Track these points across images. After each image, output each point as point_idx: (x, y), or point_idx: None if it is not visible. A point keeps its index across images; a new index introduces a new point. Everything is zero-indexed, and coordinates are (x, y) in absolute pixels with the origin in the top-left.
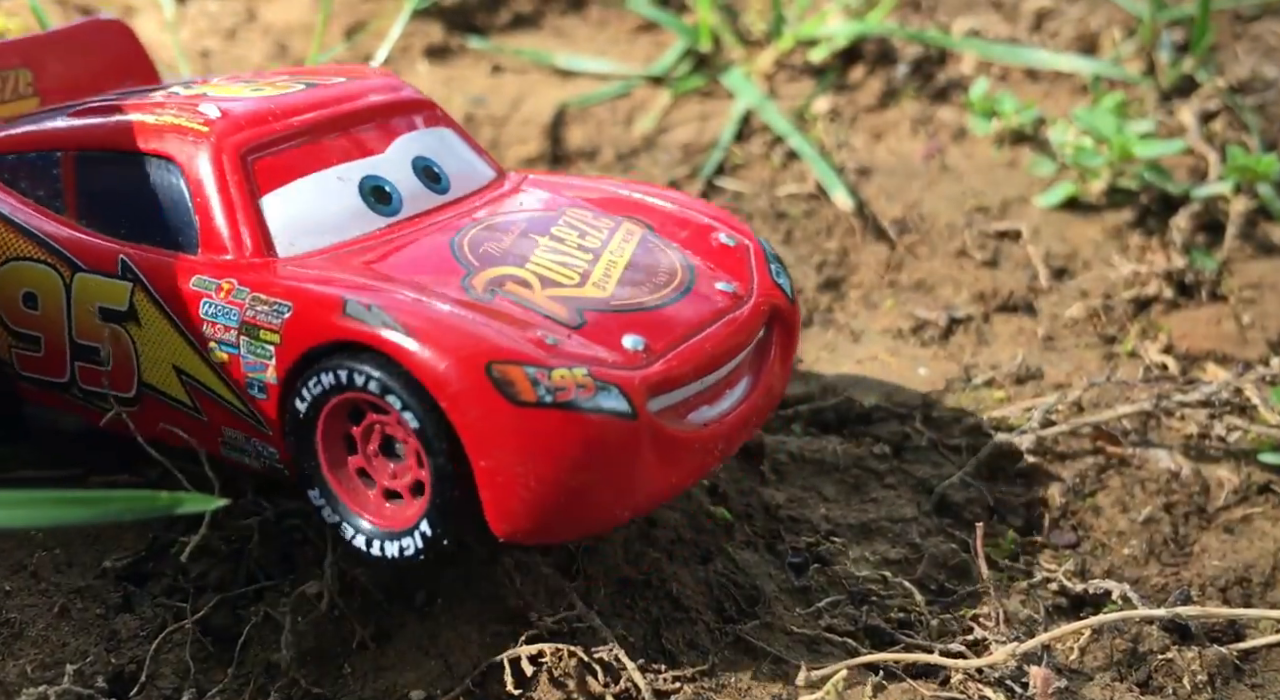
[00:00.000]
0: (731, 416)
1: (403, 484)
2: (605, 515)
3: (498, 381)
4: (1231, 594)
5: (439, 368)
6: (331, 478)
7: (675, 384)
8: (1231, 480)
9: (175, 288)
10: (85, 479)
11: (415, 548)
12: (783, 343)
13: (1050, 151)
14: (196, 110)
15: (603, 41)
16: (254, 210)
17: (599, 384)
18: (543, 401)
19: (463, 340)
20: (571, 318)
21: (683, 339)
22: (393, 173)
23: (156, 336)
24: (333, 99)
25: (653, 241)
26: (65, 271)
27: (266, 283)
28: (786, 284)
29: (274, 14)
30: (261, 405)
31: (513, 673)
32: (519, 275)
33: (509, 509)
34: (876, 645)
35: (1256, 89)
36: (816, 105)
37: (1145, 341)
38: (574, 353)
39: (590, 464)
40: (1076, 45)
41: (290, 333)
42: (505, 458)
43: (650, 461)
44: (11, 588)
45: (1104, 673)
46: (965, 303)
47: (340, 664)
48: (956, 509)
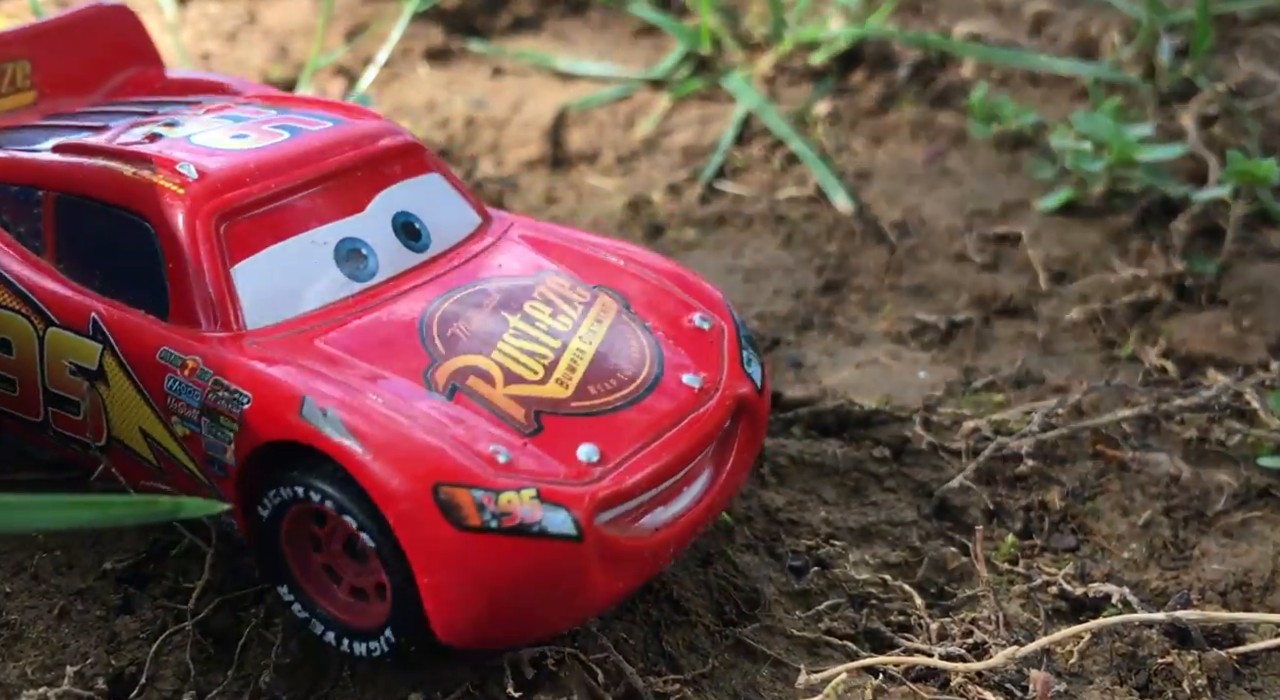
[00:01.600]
0: (686, 517)
1: (368, 583)
2: (547, 628)
3: (444, 505)
4: (1231, 598)
5: (388, 484)
6: (299, 575)
7: (627, 496)
8: (1231, 484)
9: (142, 356)
10: (86, 481)
11: (381, 651)
12: (747, 434)
13: (1050, 155)
14: (175, 169)
15: (603, 44)
16: (225, 280)
17: (546, 505)
18: (487, 526)
19: (413, 457)
20: (528, 422)
21: (642, 444)
22: (371, 233)
23: (123, 399)
24: (316, 152)
25: (625, 323)
26: (39, 324)
27: (230, 365)
28: (757, 373)
29: (275, 16)
30: (222, 482)
31: (513, 675)
32: (482, 367)
33: (452, 622)
34: (876, 648)
35: (1256, 93)
36: (817, 108)
37: (1145, 345)
38: (524, 468)
39: (534, 586)
40: (1076, 49)
41: (249, 423)
42: (449, 577)
43: (596, 575)
44: (12, 589)
45: (1104, 676)
46: (965, 306)
47: (341, 666)
48: (956, 512)
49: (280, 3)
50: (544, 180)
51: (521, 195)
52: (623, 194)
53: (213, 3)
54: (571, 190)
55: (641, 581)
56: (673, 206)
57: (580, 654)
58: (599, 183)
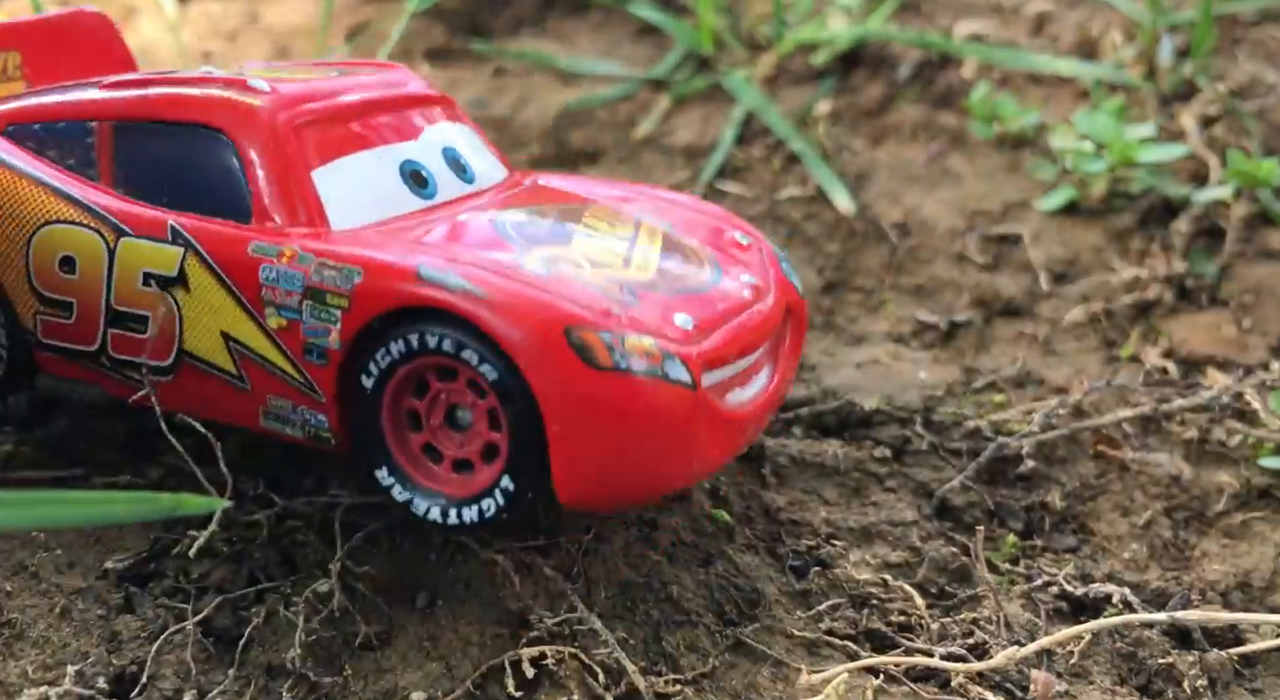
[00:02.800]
0: (758, 401)
1: (473, 451)
2: (664, 482)
3: (576, 346)
4: (1232, 598)
5: (519, 331)
6: (400, 455)
7: (721, 363)
8: (1232, 485)
9: (232, 253)
10: (87, 479)
11: (496, 506)
12: (795, 336)
13: (1051, 156)
14: (246, 86)
15: (604, 44)
16: (308, 183)
17: (665, 354)
18: (618, 366)
19: (540, 305)
20: (626, 295)
21: (723, 323)
22: (427, 159)
23: (206, 303)
24: (366, 86)
25: (675, 236)
26: (110, 236)
27: (331, 250)
28: (797, 281)
29: (275, 15)
30: (318, 372)
31: (514, 675)
32: (567, 254)
33: (578, 474)
34: (877, 648)
35: (1257, 94)
36: (817, 109)
37: (1145, 346)
38: (640, 324)
39: (657, 429)
40: (1077, 50)
41: (361, 297)
42: (580, 421)
43: (703, 433)
44: (13, 588)
45: (1104, 676)
46: (966, 306)
47: (341, 666)
48: (957, 512)
49: (281, 2)
50: None
51: None
52: None
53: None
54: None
55: (733, 453)
56: None
57: (581, 653)
58: None
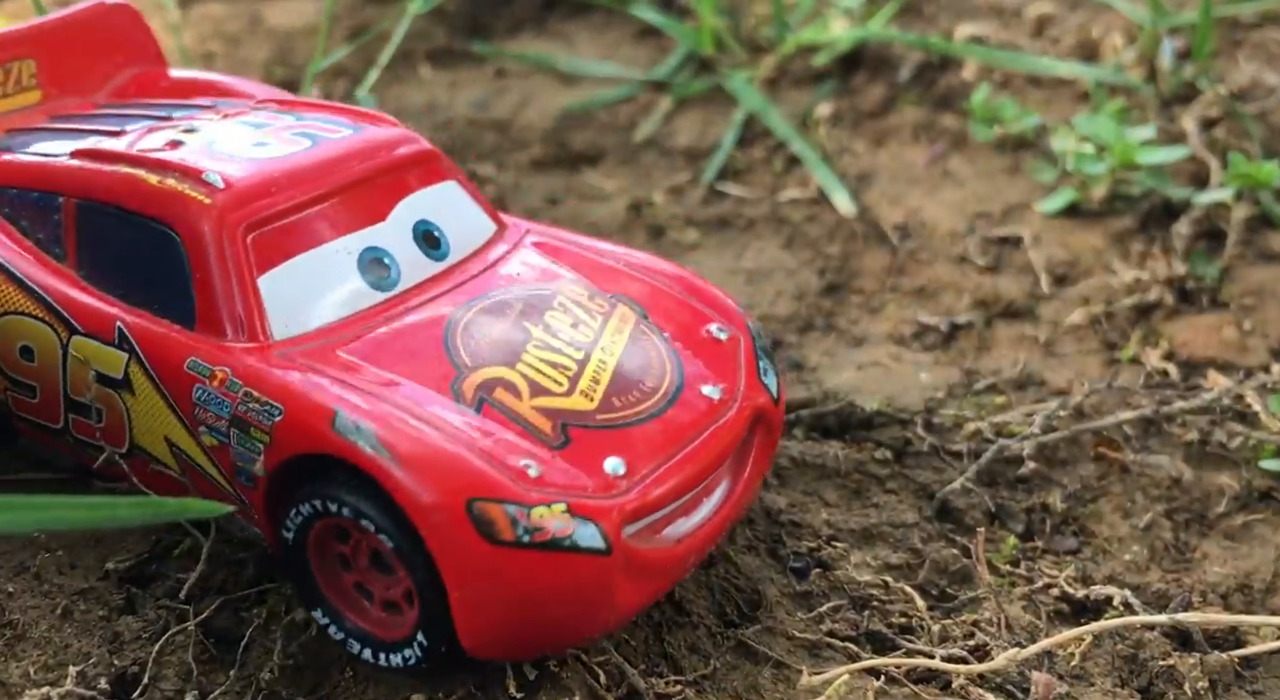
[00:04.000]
0: (706, 527)
1: (398, 593)
2: (574, 638)
3: (478, 520)
4: (1233, 600)
5: (423, 499)
6: (332, 596)
7: (653, 509)
8: (1232, 487)
9: (170, 366)
10: (88, 482)
11: (415, 657)
12: (764, 444)
13: (1051, 158)
14: (201, 179)
15: (605, 46)
16: (252, 291)
17: (576, 520)
18: (520, 541)
19: (448, 471)
20: (555, 434)
21: (666, 457)
22: (393, 242)
23: (149, 408)
24: (337, 161)
25: (644, 334)
26: (63, 332)
27: (260, 377)
28: (773, 384)
29: (277, 17)
30: (249, 493)
31: (515, 676)
32: (509, 379)
33: (480, 635)
34: (878, 650)
35: (1257, 96)
36: (818, 110)
37: (1146, 348)
38: (554, 482)
39: (563, 599)
40: (1078, 52)
41: (280, 436)
42: (480, 591)
43: (622, 587)
44: (14, 589)
45: (1105, 678)
46: (967, 308)
47: (342, 667)
48: (958, 514)
49: (283, 3)
50: (546, 182)
51: (523, 197)
52: (624, 195)
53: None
54: (573, 192)
55: (664, 591)
56: (675, 208)
57: (582, 655)
58: (601, 184)
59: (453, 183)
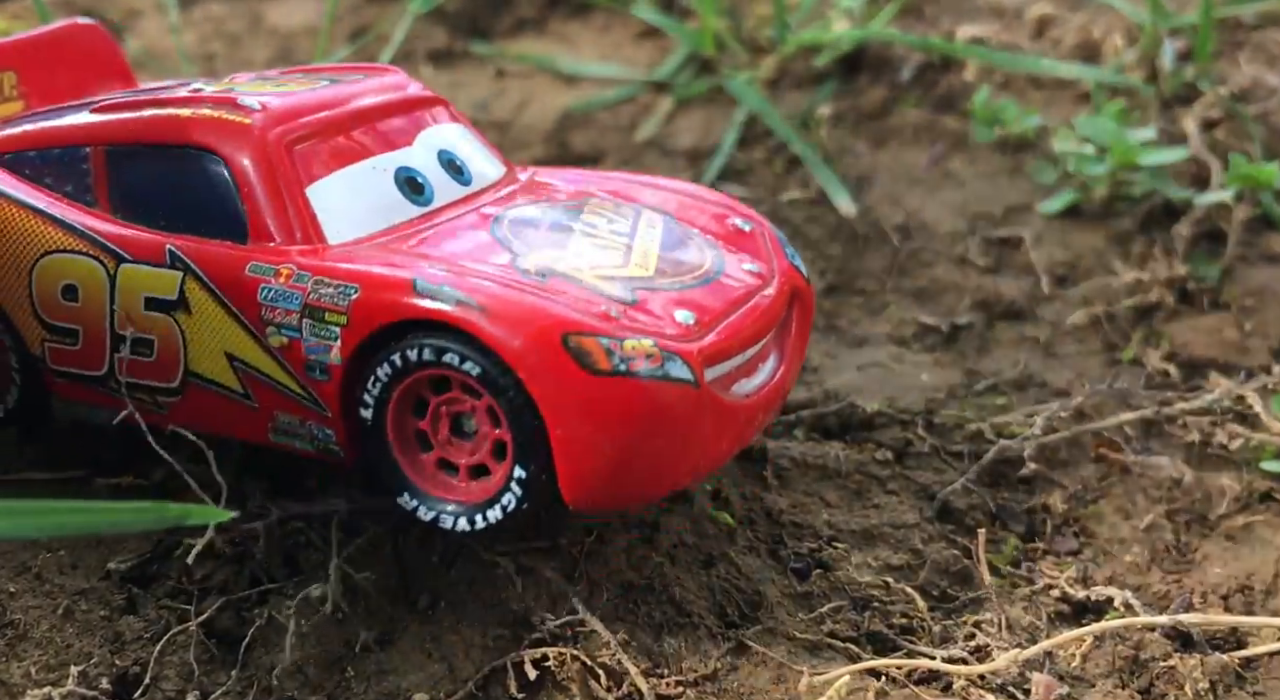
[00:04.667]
0: (766, 389)
1: (484, 454)
2: (670, 480)
3: (574, 352)
4: (1233, 602)
5: (517, 340)
6: (416, 477)
7: (725, 356)
8: (1233, 488)
9: (230, 274)
10: (90, 481)
11: (515, 499)
12: (801, 321)
13: (1052, 159)
14: (237, 104)
15: (606, 46)
16: (303, 199)
17: (665, 354)
18: (617, 370)
19: (536, 313)
20: (624, 295)
21: (725, 315)
22: (422, 164)
23: (208, 324)
24: (357, 94)
25: (675, 227)
26: (109, 263)
27: (328, 267)
28: (801, 265)
29: (278, 17)
30: (322, 388)
31: (516, 676)
32: (566, 258)
33: (583, 476)
34: (879, 651)
35: (1258, 97)
36: (819, 111)
37: (1147, 349)
38: (637, 325)
39: (661, 430)
40: (1079, 53)
41: (358, 313)
42: (582, 426)
43: (708, 428)
44: (16, 589)
45: (1106, 680)
46: (967, 309)
47: (344, 667)
48: (958, 515)
49: (284, 4)
50: None
51: None
52: None
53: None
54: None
55: (740, 445)
56: None
57: (583, 655)
58: None
59: (462, 126)
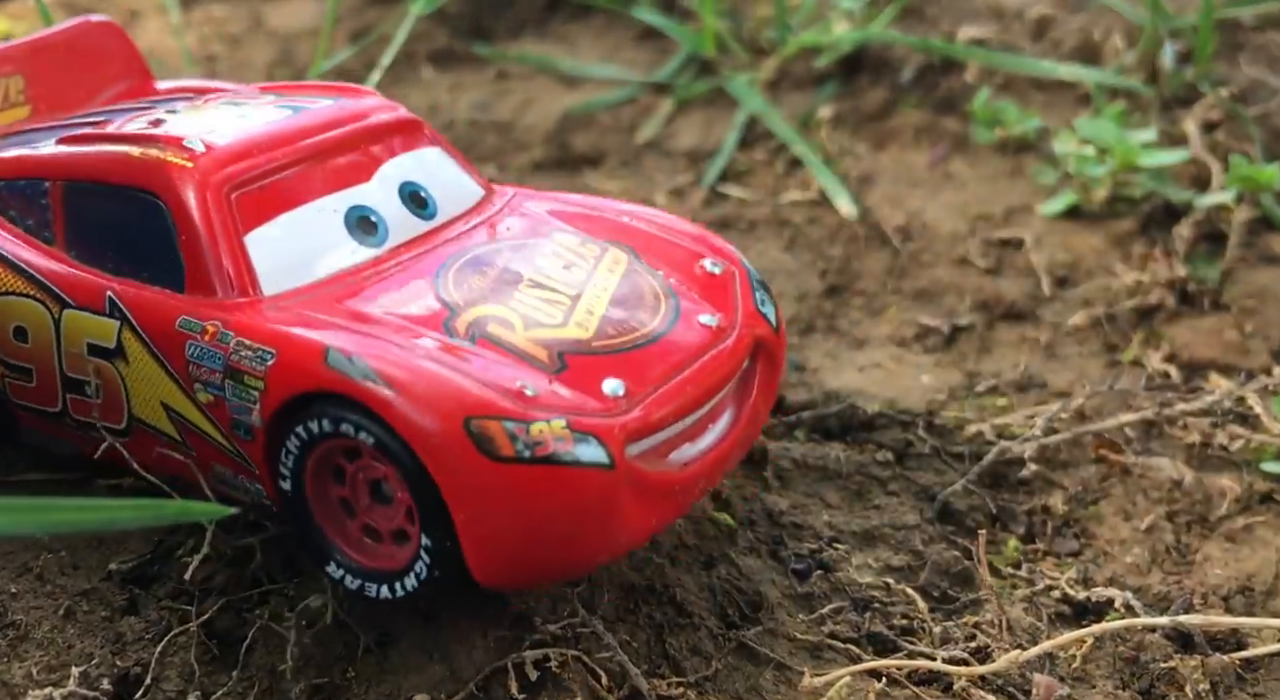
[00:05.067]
0: (713, 453)
1: (401, 518)
2: (584, 562)
3: (476, 437)
4: (1234, 603)
5: (418, 422)
6: (341, 544)
7: (655, 428)
8: (1234, 489)
9: (161, 327)
10: (91, 482)
11: (425, 566)
12: (766, 373)
13: (1053, 160)
14: (182, 145)
15: (607, 48)
16: (239, 249)
17: (577, 436)
18: (521, 457)
19: (442, 394)
20: (552, 362)
21: (663, 380)
22: (379, 201)
23: (144, 374)
24: (318, 126)
25: (637, 270)
26: (54, 307)
27: (251, 327)
28: (771, 313)
29: (279, 19)
30: (247, 446)
31: (517, 677)
32: (501, 315)
33: (488, 559)
34: (879, 652)
35: (1259, 99)
36: (820, 112)
37: (1147, 350)
38: (552, 402)
39: (569, 515)
40: (1079, 54)
41: (274, 379)
42: (484, 511)
43: (630, 507)
44: (17, 590)
45: (1106, 681)
46: (968, 310)
47: (344, 668)
48: (959, 516)
49: (285, 5)
50: (548, 184)
51: None
52: (626, 197)
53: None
54: (575, 194)
55: (673, 517)
56: (676, 210)
57: (584, 656)
58: (603, 186)
59: (436, 149)
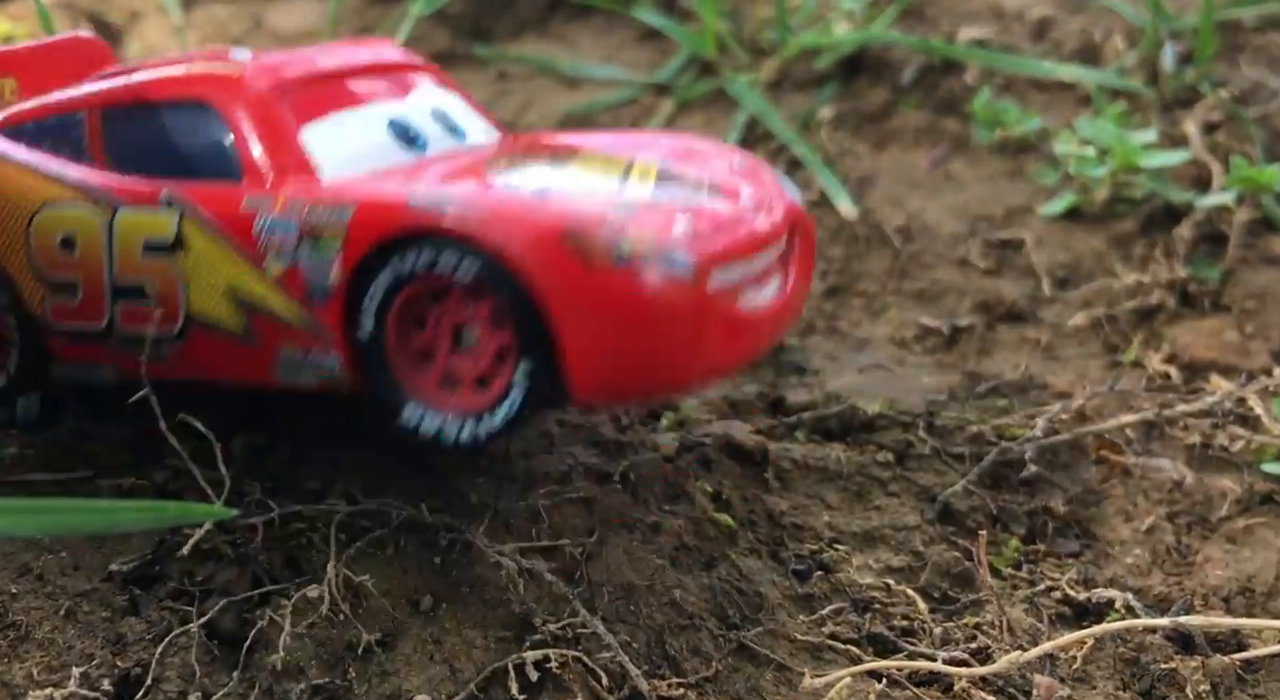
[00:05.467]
0: (773, 304)
1: (487, 361)
2: (677, 377)
3: (574, 247)
4: (1234, 604)
5: (517, 240)
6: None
7: (727, 260)
8: (1234, 490)
9: (226, 210)
10: (92, 481)
11: (519, 399)
12: (804, 248)
13: (1053, 161)
14: (228, 58)
15: (607, 49)
16: (295, 140)
17: (668, 247)
18: (619, 263)
19: (535, 213)
20: (625, 201)
21: (726, 226)
22: (417, 117)
23: (207, 262)
24: (351, 54)
25: (670, 168)
26: (105, 211)
27: (320, 195)
28: (798, 199)
29: (280, 20)
30: (323, 312)
31: (517, 678)
32: (561, 178)
33: (589, 369)
34: (880, 653)
35: (1260, 100)
36: (820, 113)
37: (1148, 351)
38: (641, 221)
39: (664, 323)
40: (1079, 55)
41: (355, 231)
42: (586, 319)
43: (714, 329)
44: (18, 590)
45: (1107, 681)
46: (968, 311)
47: (346, 668)
48: (959, 517)
49: (286, 6)
50: None
51: None
52: None
53: (219, 6)
54: None
55: (751, 353)
56: None
57: (584, 656)
58: None
59: (458, 95)
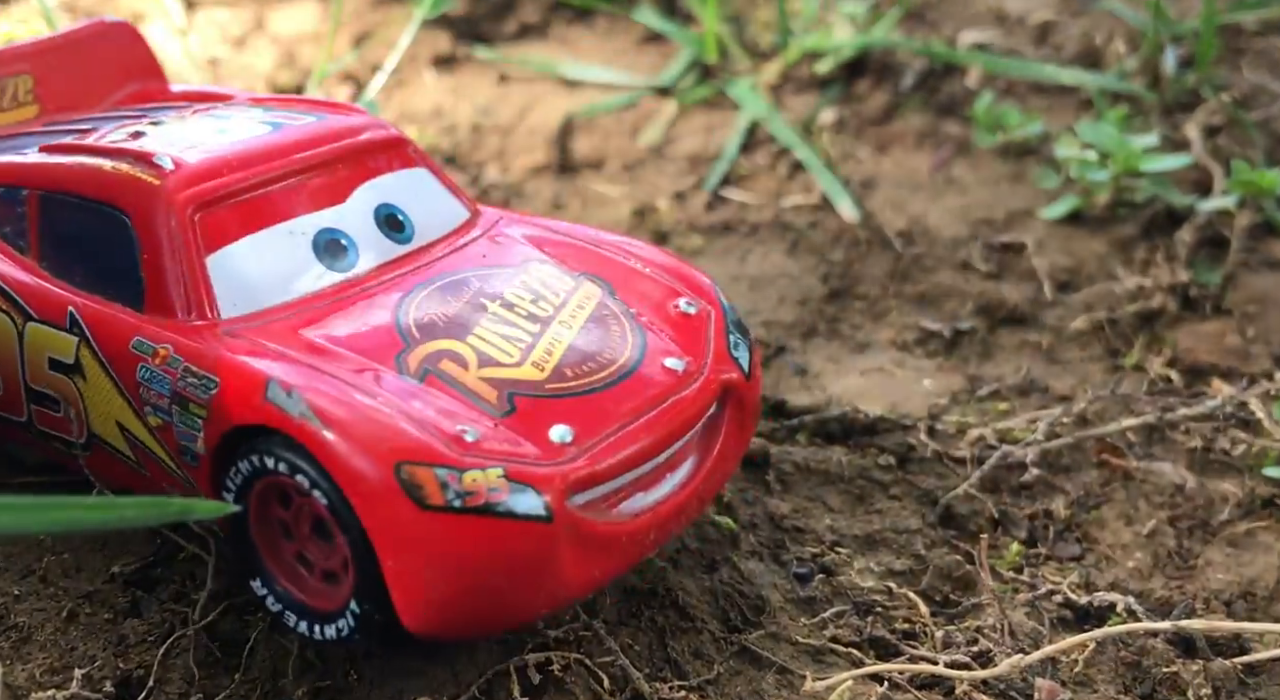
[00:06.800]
0: (669, 502)
1: (336, 562)
2: (519, 615)
3: (405, 484)
4: (1236, 607)
5: (350, 463)
6: (272, 566)
7: (601, 479)
8: (1235, 494)
9: (116, 347)
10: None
11: (349, 628)
12: (735, 419)
13: (1055, 165)
14: (151, 161)
15: (609, 52)
16: (199, 270)
17: (513, 485)
18: (451, 506)
19: (375, 436)
20: (500, 404)
21: (617, 428)
22: (351, 224)
23: (100, 392)
24: (297, 144)
25: (607, 309)
26: (18, 319)
27: (200, 353)
28: (745, 358)
29: (283, 22)
30: (194, 473)
31: (519, 680)
32: (457, 350)
33: (417, 608)
34: (881, 656)
35: (1261, 103)
36: (822, 117)
37: (1149, 355)
38: (492, 449)
39: (502, 567)
40: (1081, 59)
41: (216, 411)
42: (412, 559)
43: (570, 559)
44: (20, 592)
45: (1108, 685)
46: (970, 315)
47: (347, 670)
48: (961, 520)
49: (288, 9)
50: (550, 187)
51: (527, 202)
52: (628, 201)
53: (221, 8)
54: (577, 197)
55: (621, 569)
56: (678, 214)
57: (586, 659)
58: (605, 190)
59: (422, 170)
